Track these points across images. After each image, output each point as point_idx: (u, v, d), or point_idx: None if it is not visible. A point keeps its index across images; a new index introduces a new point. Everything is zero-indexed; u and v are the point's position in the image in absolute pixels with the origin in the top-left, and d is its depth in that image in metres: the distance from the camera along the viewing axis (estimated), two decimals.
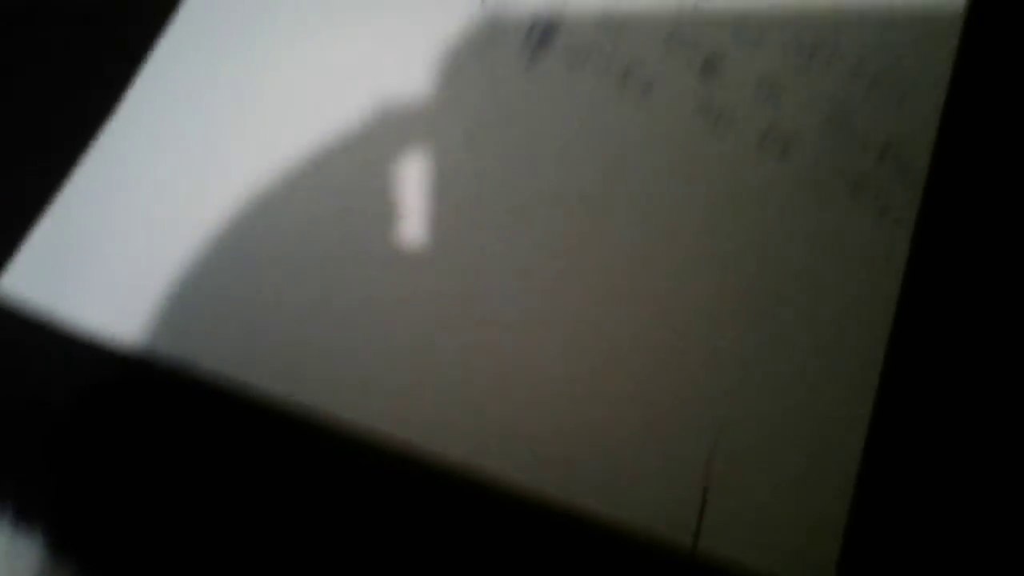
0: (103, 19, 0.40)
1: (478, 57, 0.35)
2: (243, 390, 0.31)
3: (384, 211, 0.34)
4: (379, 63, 0.36)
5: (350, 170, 0.34)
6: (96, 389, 0.33)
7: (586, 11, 0.35)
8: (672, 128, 0.33)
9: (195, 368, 0.32)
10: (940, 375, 0.30)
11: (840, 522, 0.27)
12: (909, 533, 0.28)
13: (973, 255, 0.31)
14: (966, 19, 0.33)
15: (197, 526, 0.31)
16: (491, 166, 0.34)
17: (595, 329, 0.31)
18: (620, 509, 0.28)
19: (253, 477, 0.31)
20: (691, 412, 0.29)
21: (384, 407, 0.31)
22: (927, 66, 0.33)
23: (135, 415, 0.33)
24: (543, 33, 0.35)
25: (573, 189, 0.33)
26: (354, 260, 0.33)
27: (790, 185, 0.32)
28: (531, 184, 0.33)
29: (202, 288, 0.33)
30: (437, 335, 0.31)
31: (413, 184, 0.34)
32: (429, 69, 0.35)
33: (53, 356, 0.33)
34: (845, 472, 0.28)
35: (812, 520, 0.27)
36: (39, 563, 0.30)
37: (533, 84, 0.34)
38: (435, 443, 0.30)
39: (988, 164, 0.32)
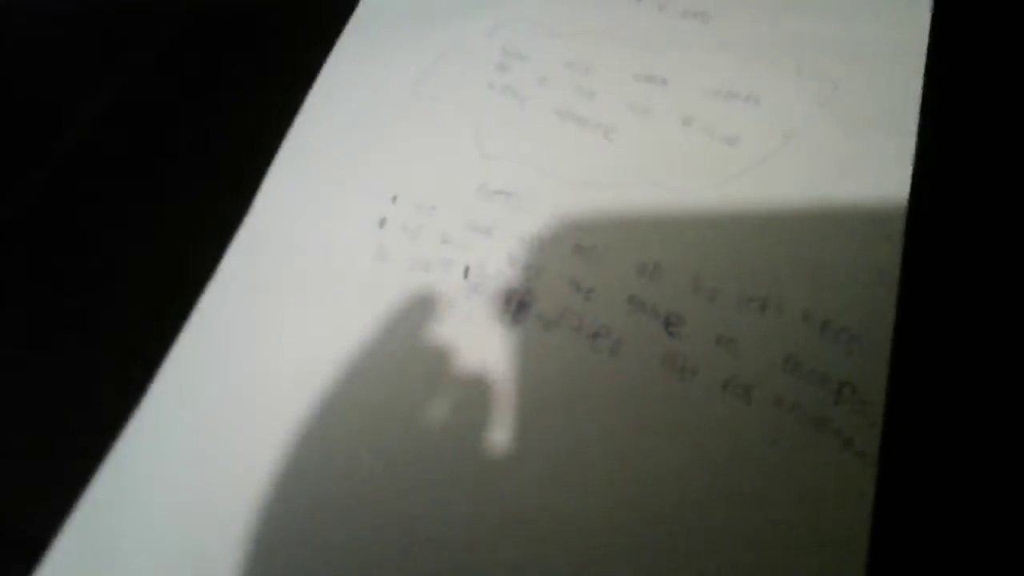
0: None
1: (465, 325, 0.39)
2: None
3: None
4: (372, 334, 0.40)
5: (353, 436, 0.38)
6: None
7: (556, 281, 0.39)
8: (641, 382, 0.36)
9: None
10: None
11: None
12: None
13: (936, 487, 0.32)
14: (902, 266, 0.36)
15: None
16: (477, 418, 0.37)
17: None
18: None
19: None
20: None
21: None
22: (872, 308, 0.35)
23: None
24: (519, 303, 0.39)
25: (552, 440, 0.36)
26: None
27: (756, 426, 0.34)
28: (513, 437, 0.36)
29: None
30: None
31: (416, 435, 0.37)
32: (423, 334, 0.39)
33: None
34: None
35: None
36: None
37: (513, 346, 0.38)
38: None
39: (942, 396, 0.34)
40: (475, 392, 0.37)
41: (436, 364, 0.39)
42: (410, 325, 0.40)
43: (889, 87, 0.39)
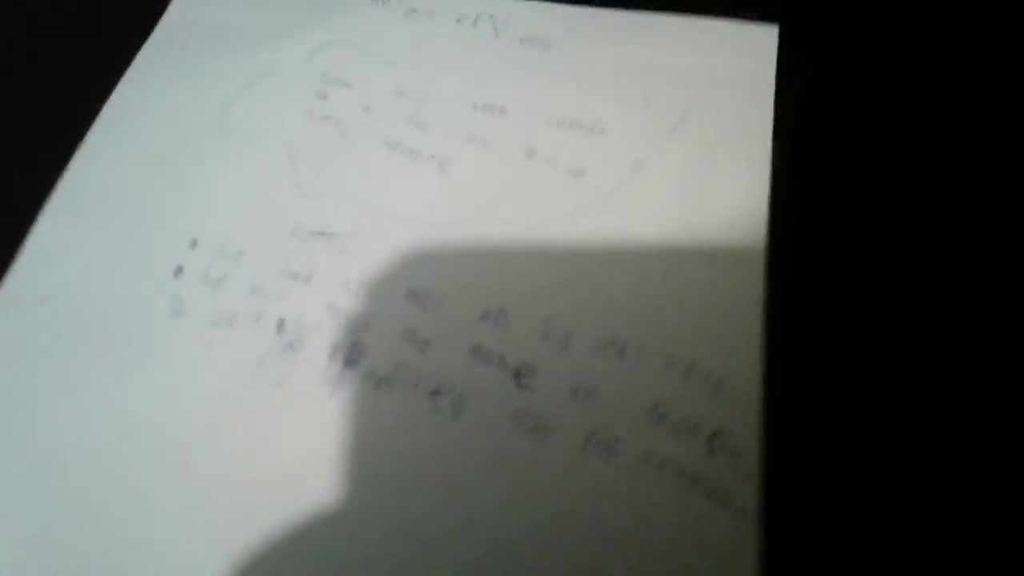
0: None
1: (279, 388, 0.33)
2: None
3: None
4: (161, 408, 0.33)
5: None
6: None
7: (388, 333, 0.33)
8: (489, 443, 0.31)
9: None
10: None
11: None
12: None
13: (824, 543, 0.29)
14: (767, 299, 0.33)
15: None
16: (297, 498, 0.30)
17: None
18: None
19: None
20: None
21: None
22: (738, 347, 0.32)
23: None
24: (345, 360, 0.33)
25: (387, 517, 0.30)
26: None
27: (623, 487, 0.30)
28: (342, 517, 0.30)
29: None
30: None
31: None
32: (228, 401, 0.33)
33: None
34: None
35: None
36: None
37: (339, 410, 0.32)
38: None
39: (823, 438, 0.31)
40: (294, 467, 0.31)
41: (245, 437, 0.32)
42: (212, 392, 0.33)
43: (739, 115, 0.37)
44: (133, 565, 0.30)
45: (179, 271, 0.36)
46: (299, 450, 0.31)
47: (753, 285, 0.33)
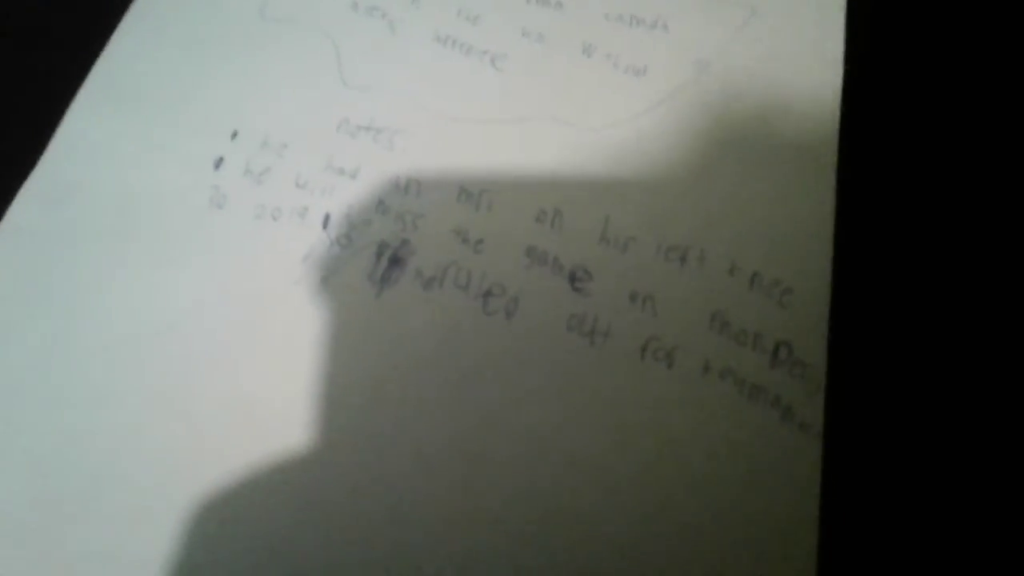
0: None
1: (325, 286, 0.32)
2: None
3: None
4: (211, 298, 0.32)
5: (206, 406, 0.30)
6: None
7: (438, 232, 0.32)
8: (544, 346, 0.30)
9: None
10: None
11: None
12: None
13: (889, 461, 0.27)
14: (837, 210, 0.31)
15: None
16: (345, 399, 0.29)
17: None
18: None
19: None
20: None
21: None
22: (806, 257, 0.30)
23: None
24: (392, 258, 0.32)
25: (439, 419, 0.29)
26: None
27: (681, 396, 0.29)
28: (394, 419, 0.29)
29: None
30: None
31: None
32: (273, 295, 0.31)
33: None
34: None
35: None
36: None
37: (387, 310, 0.31)
38: None
39: (885, 356, 0.29)
40: (341, 366, 0.30)
41: (291, 334, 0.31)
42: (256, 285, 0.32)
43: (810, 13, 0.35)
44: (161, 461, 0.29)
45: (220, 162, 0.35)
46: (346, 347, 0.30)
47: (824, 194, 0.31)
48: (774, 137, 0.33)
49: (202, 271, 0.32)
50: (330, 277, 0.32)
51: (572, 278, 0.31)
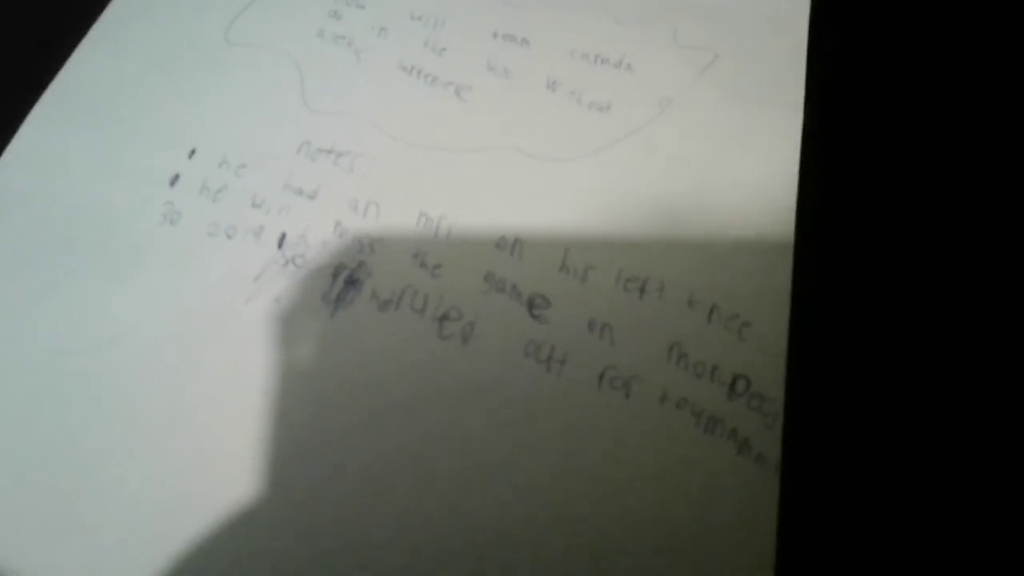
0: None
1: (277, 305, 0.31)
2: None
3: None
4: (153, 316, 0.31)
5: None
6: None
7: (397, 255, 0.31)
8: (499, 372, 0.29)
9: None
10: None
11: None
12: None
13: (846, 493, 0.27)
14: (796, 245, 0.31)
15: None
16: (293, 421, 0.28)
17: None
18: None
19: None
20: None
21: None
22: (765, 291, 0.30)
23: None
24: (348, 280, 0.31)
25: (390, 445, 0.28)
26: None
27: (639, 425, 0.28)
28: (341, 443, 0.28)
29: None
30: None
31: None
32: (222, 314, 0.30)
33: None
34: None
35: None
36: None
37: (340, 331, 0.30)
38: None
39: (843, 390, 0.29)
40: (291, 387, 0.29)
41: (240, 352, 0.30)
42: (206, 303, 0.31)
43: (773, 58, 0.36)
44: (107, 475, 0.28)
45: (176, 179, 0.34)
46: (297, 368, 0.29)
47: (783, 230, 0.32)
48: (735, 173, 0.33)
49: (150, 286, 0.31)
50: (283, 297, 0.31)
51: (530, 305, 0.30)
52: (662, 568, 0.26)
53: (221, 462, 0.28)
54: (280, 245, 0.32)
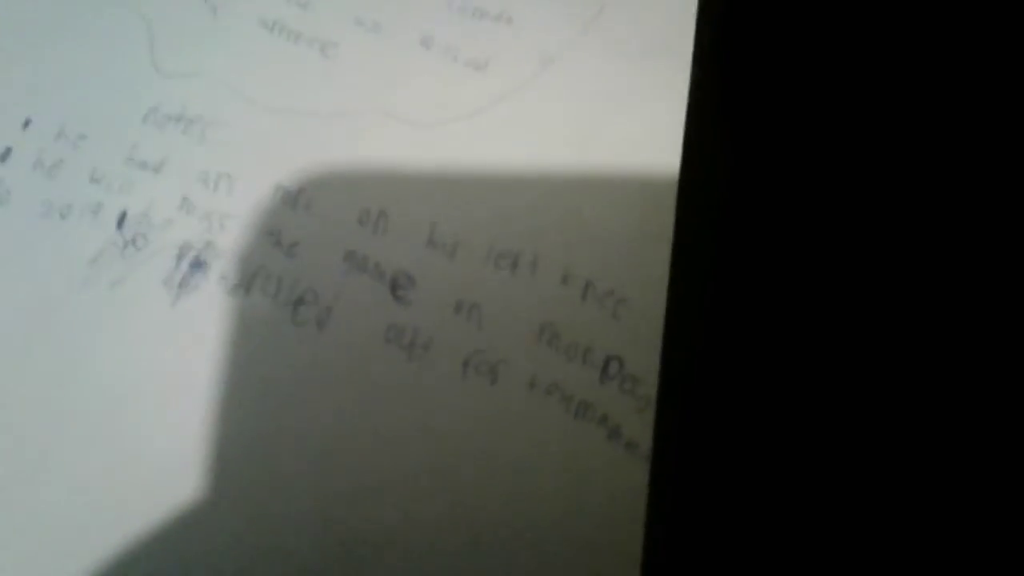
0: None
1: (114, 290, 0.28)
2: None
3: None
4: None
5: None
6: None
7: (249, 233, 0.29)
8: (357, 360, 0.27)
9: None
10: None
11: None
12: None
13: (718, 483, 0.26)
14: (677, 218, 0.30)
15: None
16: (132, 419, 0.26)
17: None
18: None
19: None
20: None
21: None
22: (642, 267, 0.29)
23: None
24: (194, 261, 0.28)
25: (238, 439, 0.26)
26: None
27: (504, 413, 0.26)
28: (188, 431, 0.26)
29: None
30: None
31: None
32: (54, 303, 0.28)
33: None
34: None
35: None
36: None
37: (182, 318, 0.28)
38: None
39: (725, 372, 0.27)
40: (127, 380, 0.27)
41: (71, 341, 0.27)
42: (34, 290, 0.28)
43: (661, 8, 0.33)
44: None
45: (7, 154, 0.31)
46: (134, 360, 0.27)
47: (665, 200, 0.30)
48: (618, 138, 0.31)
49: None
50: (120, 282, 0.28)
51: (394, 285, 0.28)
52: (527, 561, 0.24)
53: (49, 451, 0.25)
54: (120, 225, 0.29)
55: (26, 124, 0.31)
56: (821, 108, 0.30)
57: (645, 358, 0.27)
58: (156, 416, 0.26)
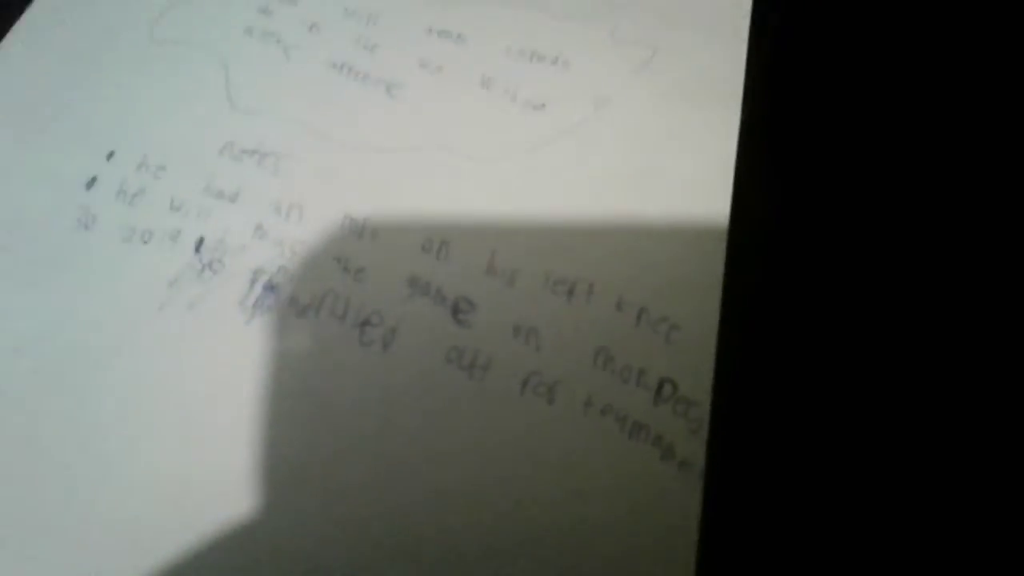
0: None
1: (192, 311, 0.30)
2: None
3: None
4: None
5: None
6: None
7: (318, 259, 0.31)
8: (420, 379, 0.28)
9: None
10: None
11: None
12: None
13: (770, 503, 0.26)
14: (729, 250, 0.31)
15: None
16: (206, 433, 0.27)
17: None
18: None
19: None
20: None
21: None
22: (694, 294, 0.30)
23: None
24: (266, 285, 0.30)
25: (307, 454, 0.27)
26: None
27: (561, 432, 0.27)
28: (257, 451, 0.27)
29: None
30: None
31: None
32: (135, 321, 0.29)
33: None
34: None
35: None
36: None
37: (256, 338, 0.29)
38: None
39: (776, 396, 0.28)
40: (204, 395, 0.28)
41: (151, 361, 0.29)
42: (117, 311, 0.30)
43: (712, 55, 0.35)
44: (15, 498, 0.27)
45: (92, 182, 0.33)
46: (210, 378, 0.28)
47: (716, 232, 0.31)
48: (670, 174, 0.32)
49: (57, 294, 0.30)
50: (197, 303, 0.30)
51: (455, 309, 0.30)
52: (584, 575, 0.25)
53: (129, 467, 0.27)
54: (197, 249, 0.31)
55: (110, 156, 0.33)
56: (867, 147, 0.31)
57: (697, 382, 0.28)
58: (231, 429, 0.27)
